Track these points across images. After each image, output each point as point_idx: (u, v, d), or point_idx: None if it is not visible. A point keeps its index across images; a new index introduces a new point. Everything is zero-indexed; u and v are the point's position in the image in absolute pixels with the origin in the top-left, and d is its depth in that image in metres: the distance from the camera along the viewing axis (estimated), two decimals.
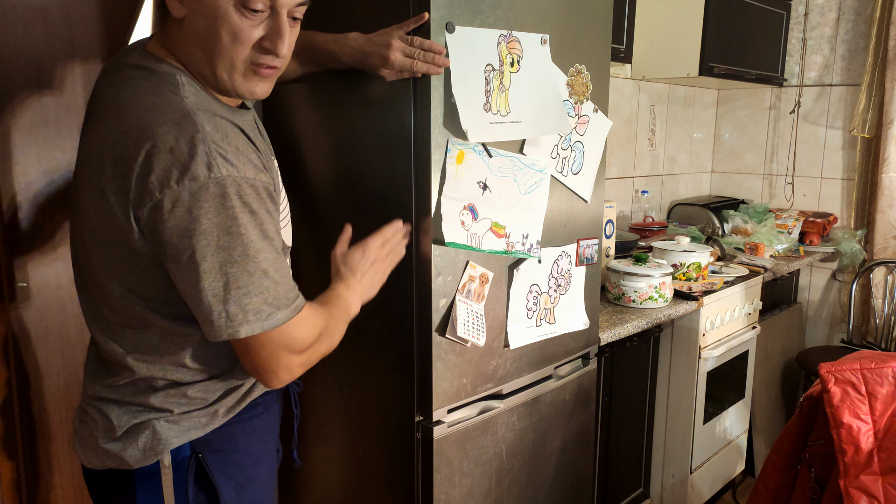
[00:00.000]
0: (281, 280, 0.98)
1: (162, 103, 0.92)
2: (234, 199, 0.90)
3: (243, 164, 0.93)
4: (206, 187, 0.88)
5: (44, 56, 1.46)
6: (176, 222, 0.89)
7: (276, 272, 0.97)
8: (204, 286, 0.92)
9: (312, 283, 1.63)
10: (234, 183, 0.90)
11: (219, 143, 0.91)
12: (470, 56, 1.33)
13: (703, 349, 2.26)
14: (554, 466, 1.77)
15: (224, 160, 0.90)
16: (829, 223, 3.20)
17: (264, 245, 0.95)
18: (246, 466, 1.13)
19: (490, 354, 1.52)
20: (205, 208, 0.89)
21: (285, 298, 0.98)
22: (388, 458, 1.53)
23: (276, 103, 1.65)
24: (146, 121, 0.90)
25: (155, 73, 0.96)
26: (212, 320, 0.94)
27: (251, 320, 0.94)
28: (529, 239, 1.53)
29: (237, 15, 0.93)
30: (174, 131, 0.89)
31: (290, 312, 0.99)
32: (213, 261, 0.91)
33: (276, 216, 1.00)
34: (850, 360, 1.41)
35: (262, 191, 0.95)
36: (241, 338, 0.95)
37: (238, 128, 0.98)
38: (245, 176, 0.92)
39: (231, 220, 0.90)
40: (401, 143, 1.35)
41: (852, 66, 3.11)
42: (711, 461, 2.47)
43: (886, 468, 1.33)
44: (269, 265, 0.95)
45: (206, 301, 0.93)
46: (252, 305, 0.94)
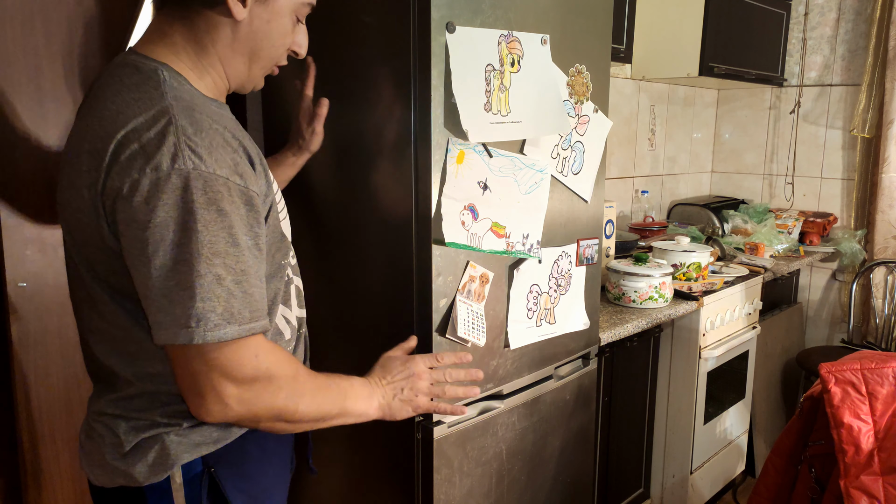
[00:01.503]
0: (240, 293, 0.89)
1: (142, 98, 0.89)
2: (197, 193, 0.84)
3: (217, 160, 0.87)
4: (167, 178, 0.83)
5: (43, 56, 1.46)
6: (132, 212, 0.84)
7: (235, 282, 0.88)
8: (151, 283, 0.86)
9: (311, 281, 1.63)
10: (199, 177, 0.84)
11: (190, 136, 0.86)
12: (470, 56, 1.33)
13: (703, 349, 2.26)
14: (554, 466, 1.77)
15: (192, 153, 0.85)
16: (829, 223, 3.20)
17: (229, 249, 0.87)
18: (259, 479, 1.09)
19: (490, 354, 1.52)
20: (163, 199, 0.83)
21: (240, 314, 0.89)
22: (388, 458, 1.53)
23: (277, 103, 1.65)
24: (123, 115, 0.87)
25: (140, 70, 0.93)
26: (156, 321, 0.87)
27: (192, 326, 0.85)
28: (530, 239, 1.53)
29: (291, 23, 1.01)
30: (147, 124, 0.86)
31: (240, 330, 0.89)
32: (165, 257, 0.84)
33: (257, 223, 0.93)
34: (850, 361, 1.41)
35: (236, 193, 0.88)
36: (177, 343, 0.87)
37: (227, 129, 0.94)
38: (215, 173, 0.86)
39: (189, 214, 0.84)
40: (401, 143, 1.35)
41: (852, 66, 3.11)
42: (712, 461, 2.47)
43: (887, 468, 1.33)
44: (227, 271, 0.87)
45: (151, 298, 0.87)
46: (197, 311, 0.85)
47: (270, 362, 0.95)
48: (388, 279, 1.45)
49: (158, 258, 0.85)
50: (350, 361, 1.58)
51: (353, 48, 1.44)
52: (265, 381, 0.94)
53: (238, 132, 0.96)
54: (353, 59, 1.44)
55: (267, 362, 0.94)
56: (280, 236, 1.05)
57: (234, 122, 1.01)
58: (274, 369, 0.95)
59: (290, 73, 1.59)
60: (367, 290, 1.50)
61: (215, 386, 0.91)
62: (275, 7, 0.97)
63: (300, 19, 1.03)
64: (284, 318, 1.11)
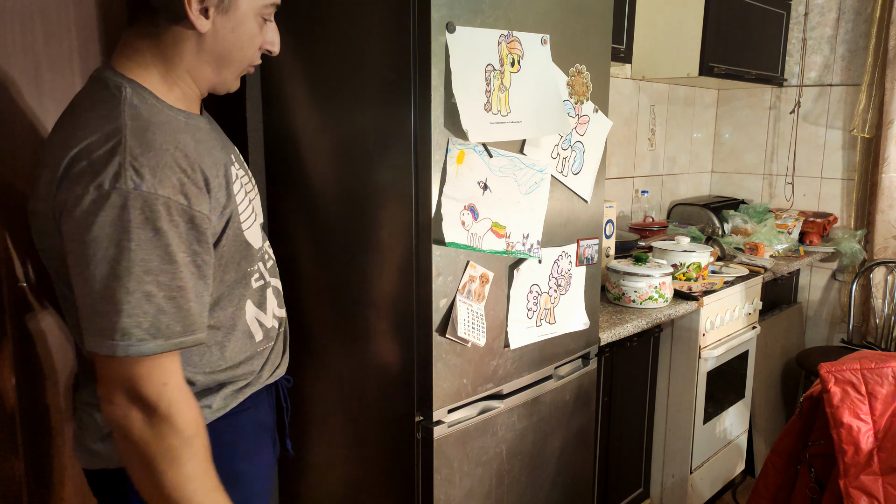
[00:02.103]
0: (172, 308, 0.93)
1: (101, 116, 0.93)
2: (135, 213, 0.88)
3: (160, 181, 0.90)
4: (107, 196, 0.88)
5: (43, 56, 1.46)
6: (73, 225, 0.89)
7: (168, 298, 0.92)
8: (84, 294, 0.90)
9: (311, 281, 1.63)
10: (138, 197, 0.88)
11: (137, 156, 0.90)
12: (470, 56, 1.33)
13: (703, 349, 2.26)
14: (554, 466, 1.77)
15: (135, 173, 0.89)
16: (829, 223, 3.20)
17: (163, 267, 0.91)
18: (234, 462, 1.12)
19: (490, 354, 1.52)
20: (101, 216, 0.88)
21: (168, 329, 0.92)
22: (388, 458, 1.53)
23: (277, 103, 1.65)
24: (82, 131, 0.92)
25: (107, 86, 0.97)
26: (85, 329, 0.91)
27: (115, 340, 0.90)
28: (530, 239, 1.53)
29: (257, 25, 1.02)
30: (99, 142, 0.90)
31: (166, 345, 0.92)
32: (97, 271, 0.89)
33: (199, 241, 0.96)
34: (850, 360, 1.41)
35: (178, 212, 0.92)
36: (101, 354, 0.91)
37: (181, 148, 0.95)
38: (156, 193, 0.90)
39: (124, 233, 0.88)
40: (401, 143, 1.35)
41: (852, 66, 3.11)
42: (711, 461, 2.47)
43: (886, 468, 1.33)
44: (159, 288, 0.91)
45: (82, 309, 0.91)
46: (122, 325, 0.90)
47: (176, 403, 0.94)
48: (388, 279, 1.45)
49: (91, 272, 0.89)
50: (350, 361, 1.58)
51: (353, 48, 1.44)
52: (161, 418, 0.93)
53: (198, 148, 0.99)
54: (354, 59, 1.44)
55: (172, 399, 0.94)
56: (244, 245, 1.08)
57: (203, 133, 1.04)
58: (175, 414, 0.94)
59: (290, 74, 1.59)
60: (367, 290, 1.50)
61: (118, 397, 0.93)
62: (237, 15, 0.99)
63: (267, 19, 1.04)
64: (258, 322, 1.15)
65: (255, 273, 1.14)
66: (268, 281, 1.18)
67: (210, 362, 1.08)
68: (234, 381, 1.12)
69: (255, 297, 1.14)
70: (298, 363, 1.68)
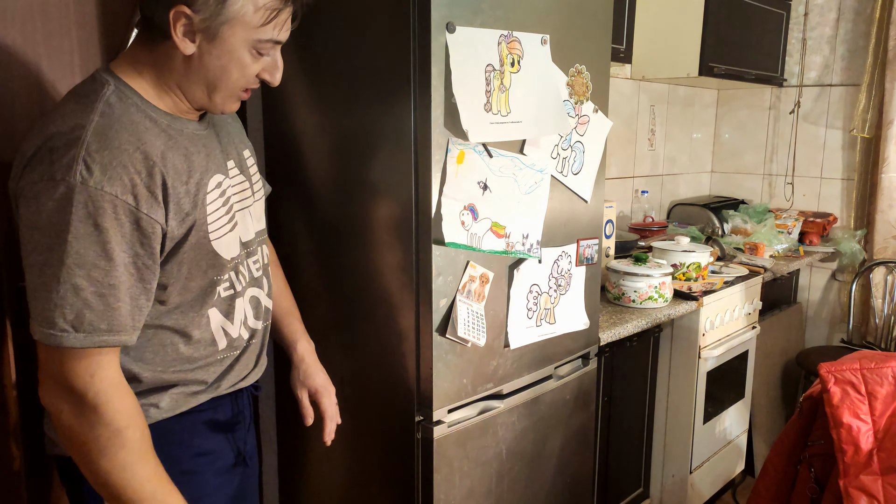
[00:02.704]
0: (100, 305, 0.93)
1: (75, 110, 0.95)
2: (79, 207, 0.90)
3: (110, 178, 0.91)
4: (55, 187, 0.90)
5: (43, 56, 1.46)
6: (25, 211, 0.92)
7: (97, 294, 0.93)
8: (28, 279, 0.94)
9: (311, 281, 1.63)
10: (84, 192, 0.90)
11: (93, 152, 0.91)
12: (470, 56, 1.33)
13: (702, 349, 2.26)
14: (554, 466, 1.77)
15: (86, 169, 0.90)
16: (829, 223, 3.20)
17: (98, 262, 0.92)
18: (184, 459, 1.12)
19: (490, 354, 1.52)
20: (48, 206, 0.90)
21: (91, 325, 0.93)
22: (388, 458, 1.53)
23: (277, 103, 1.65)
24: (53, 124, 0.94)
25: (94, 81, 0.99)
26: (30, 311, 0.94)
27: (43, 327, 0.92)
28: (529, 239, 1.53)
29: (249, 57, 1.01)
30: (63, 134, 0.92)
31: (86, 341, 0.93)
32: (37, 257, 0.92)
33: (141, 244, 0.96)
34: (849, 360, 1.41)
35: (124, 211, 0.93)
36: (35, 338, 0.94)
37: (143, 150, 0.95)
38: (102, 189, 0.90)
39: (64, 224, 0.90)
40: (401, 143, 1.35)
41: (852, 66, 3.11)
42: (711, 461, 2.47)
43: (886, 468, 1.33)
44: (89, 282, 0.92)
45: (28, 294, 0.94)
46: (48, 313, 0.92)
47: (103, 393, 0.95)
48: (388, 279, 1.45)
49: (32, 257, 0.92)
50: (350, 361, 1.58)
51: (353, 48, 1.44)
52: (89, 409, 0.95)
53: (168, 153, 0.99)
54: (354, 59, 1.44)
55: (100, 390, 0.95)
56: (210, 254, 1.07)
57: (186, 139, 1.03)
58: (102, 405, 0.95)
59: (290, 74, 1.59)
60: (367, 290, 1.50)
61: (49, 384, 0.96)
62: (224, 46, 0.98)
63: (263, 53, 1.02)
64: (223, 330, 1.15)
65: (225, 282, 1.13)
66: (239, 291, 1.16)
67: (162, 361, 1.08)
68: (185, 383, 1.11)
69: (223, 305, 1.14)
70: None
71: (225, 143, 1.15)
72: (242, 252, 1.15)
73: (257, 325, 1.23)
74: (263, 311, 1.25)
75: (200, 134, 1.08)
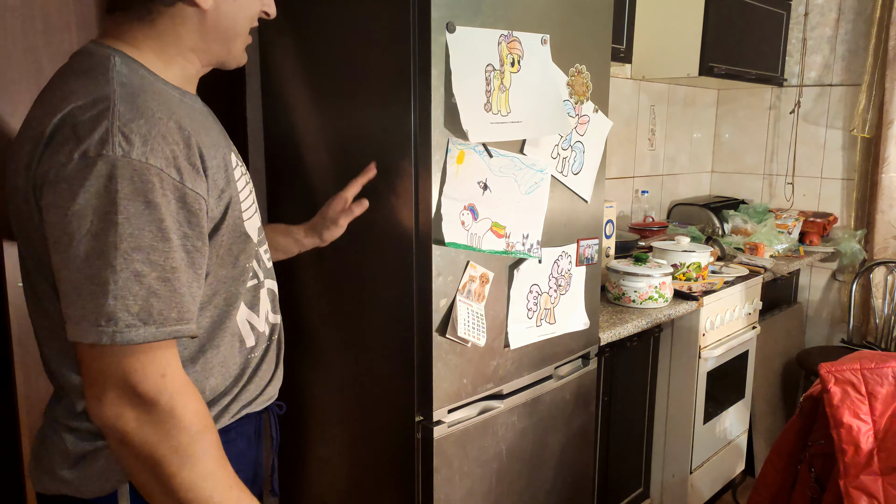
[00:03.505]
0: (166, 292, 0.83)
1: (87, 84, 0.85)
2: (124, 182, 0.79)
3: (152, 150, 0.82)
4: (92, 164, 0.79)
5: (43, 56, 1.46)
6: (55, 197, 0.80)
7: (161, 279, 0.82)
8: (65, 274, 0.81)
9: (311, 281, 1.63)
10: (128, 165, 0.79)
11: (127, 122, 0.81)
12: (470, 56, 1.33)
13: (703, 349, 2.26)
14: (554, 466, 1.77)
15: (125, 140, 0.80)
16: (829, 223, 3.20)
17: (156, 244, 0.82)
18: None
19: (490, 354, 1.52)
20: (86, 186, 0.79)
21: (161, 315, 0.83)
22: (388, 458, 1.53)
23: (277, 103, 1.65)
24: (66, 100, 0.84)
25: (93, 56, 0.90)
26: (67, 315, 0.81)
27: (101, 325, 0.80)
28: (529, 239, 1.53)
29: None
30: (85, 108, 0.82)
31: (158, 333, 0.82)
32: (80, 247, 0.79)
33: (189, 223, 0.86)
34: (850, 360, 1.41)
35: (170, 187, 0.83)
36: (86, 342, 0.81)
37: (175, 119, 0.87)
38: (147, 162, 0.81)
39: (111, 205, 0.79)
40: (401, 143, 1.35)
41: (852, 66, 3.11)
42: (711, 461, 2.47)
43: (886, 468, 1.33)
44: (150, 267, 0.81)
45: (64, 291, 0.81)
46: (108, 309, 0.80)
47: (178, 395, 0.85)
48: (388, 279, 1.45)
49: (73, 248, 0.80)
50: (350, 361, 1.58)
51: (353, 48, 1.44)
52: (164, 414, 0.84)
53: (193, 124, 0.91)
54: (354, 59, 1.44)
55: (174, 391, 0.85)
56: (243, 236, 0.99)
57: (199, 113, 0.96)
58: (179, 407, 0.85)
59: (290, 74, 1.59)
60: (367, 290, 1.50)
61: (110, 395, 0.83)
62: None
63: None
64: (249, 324, 1.06)
65: (251, 270, 1.04)
66: (262, 281, 1.09)
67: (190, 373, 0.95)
68: (218, 396, 1.00)
69: (248, 296, 1.05)
70: (298, 363, 1.68)
71: (220, 125, 1.08)
72: (259, 238, 1.08)
73: (276, 320, 1.15)
74: (278, 306, 1.18)
75: (206, 111, 1.01)
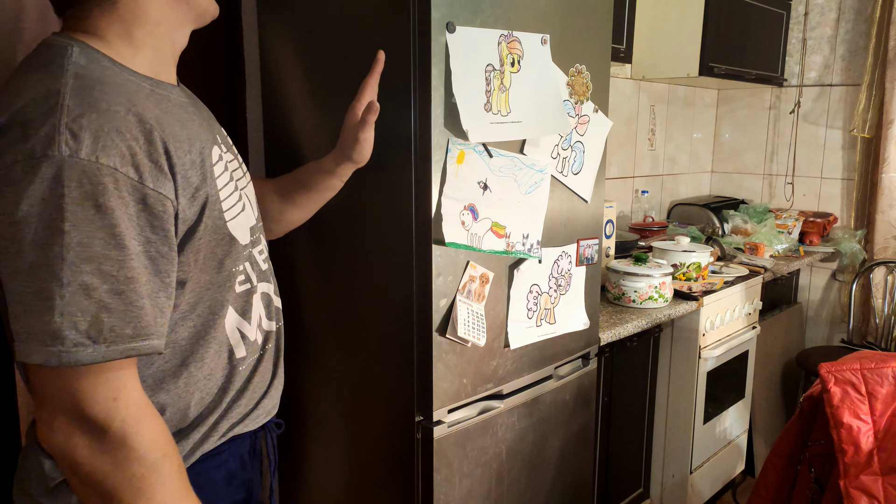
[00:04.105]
0: (119, 305, 0.75)
1: (41, 77, 0.78)
2: (71, 185, 0.72)
3: (104, 147, 0.74)
4: (37, 166, 0.72)
5: None
6: (1, 204, 0.73)
7: (114, 292, 0.75)
8: (12, 288, 0.74)
9: (311, 281, 1.63)
10: (75, 166, 0.72)
11: (76, 118, 0.74)
12: (470, 56, 1.33)
13: (703, 349, 2.26)
14: (554, 467, 1.77)
15: (73, 137, 0.73)
16: (829, 223, 3.20)
17: (108, 253, 0.74)
18: None
19: (490, 354, 1.52)
20: (30, 191, 0.71)
21: (113, 332, 0.75)
22: (388, 458, 1.53)
23: (277, 103, 1.65)
24: (18, 97, 0.77)
25: (51, 47, 0.83)
26: (15, 332, 0.74)
27: (48, 345, 0.72)
28: (530, 239, 1.53)
29: None
30: (34, 103, 0.75)
31: (109, 352, 0.74)
32: (26, 258, 0.72)
33: (153, 227, 0.79)
34: (850, 360, 1.41)
35: (126, 188, 0.75)
36: (32, 363, 0.74)
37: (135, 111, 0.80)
38: (99, 162, 0.73)
39: (57, 210, 0.72)
40: (401, 143, 1.35)
41: (852, 66, 3.11)
42: (711, 461, 2.47)
43: (886, 468, 1.33)
44: (101, 279, 0.74)
45: (12, 306, 0.74)
46: (54, 327, 0.72)
47: (132, 421, 0.78)
48: (388, 279, 1.45)
49: (20, 259, 0.73)
50: (350, 361, 1.58)
51: (353, 48, 1.44)
52: (116, 442, 0.77)
53: (163, 117, 0.84)
54: (354, 59, 1.44)
55: (127, 417, 0.77)
56: (227, 238, 0.92)
57: (175, 105, 0.89)
58: (132, 435, 0.77)
59: (290, 74, 1.59)
60: (367, 290, 1.50)
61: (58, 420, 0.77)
62: None
63: None
64: (240, 333, 0.98)
65: (241, 274, 0.97)
66: (255, 285, 1.01)
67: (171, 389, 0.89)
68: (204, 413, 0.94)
69: (239, 303, 0.97)
70: (298, 363, 1.68)
71: (206, 115, 1.00)
72: (251, 240, 1.01)
73: (271, 327, 1.07)
74: (275, 311, 1.09)
75: (185, 102, 0.93)
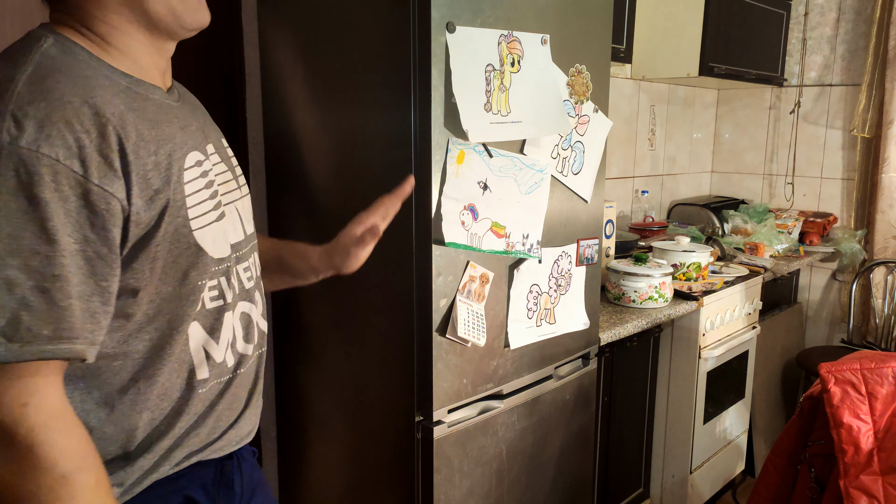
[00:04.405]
0: (42, 304, 0.71)
1: (3, 66, 0.76)
2: (7, 175, 0.69)
3: (48, 137, 0.71)
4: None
5: None
6: None
7: (38, 290, 0.71)
8: None
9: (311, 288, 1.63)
10: (13, 154, 0.69)
11: (23, 105, 0.71)
12: (470, 56, 1.33)
13: (703, 349, 2.26)
14: (554, 466, 1.77)
15: (16, 125, 0.70)
16: (829, 223, 3.20)
17: (37, 247, 0.71)
18: None
19: (490, 354, 1.52)
20: None
21: (31, 332, 0.70)
22: (388, 458, 1.53)
23: (277, 103, 1.65)
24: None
25: (27, 37, 0.81)
26: None
27: None
28: (530, 239, 1.53)
29: None
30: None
31: (22, 352, 0.70)
32: None
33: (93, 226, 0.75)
34: (850, 360, 1.41)
35: (68, 181, 0.72)
36: None
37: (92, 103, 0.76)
38: (40, 151, 0.70)
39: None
40: (401, 143, 1.35)
41: (852, 66, 3.11)
42: (711, 461, 2.47)
43: (886, 468, 1.33)
44: (26, 275, 0.70)
45: None
46: None
47: (41, 429, 0.72)
48: (388, 279, 1.45)
49: None
50: (350, 361, 1.58)
51: (353, 48, 1.44)
52: (22, 450, 0.71)
53: (129, 114, 0.80)
54: (354, 59, 1.44)
55: (36, 425, 0.72)
56: (192, 248, 0.86)
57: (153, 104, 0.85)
58: (40, 444, 0.72)
59: (290, 74, 1.59)
60: (367, 290, 1.50)
61: None
62: None
63: None
64: (205, 352, 0.92)
65: (213, 290, 0.90)
66: (229, 303, 0.94)
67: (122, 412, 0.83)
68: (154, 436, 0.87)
69: (207, 320, 0.90)
70: (298, 363, 1.68)
71: (202, 121, 0.96)
72: (233, 255, 0.94)
73: (247, 350, 0.99)
74: (256, 334, 1.01)
75: (171, 104, 0.88)
